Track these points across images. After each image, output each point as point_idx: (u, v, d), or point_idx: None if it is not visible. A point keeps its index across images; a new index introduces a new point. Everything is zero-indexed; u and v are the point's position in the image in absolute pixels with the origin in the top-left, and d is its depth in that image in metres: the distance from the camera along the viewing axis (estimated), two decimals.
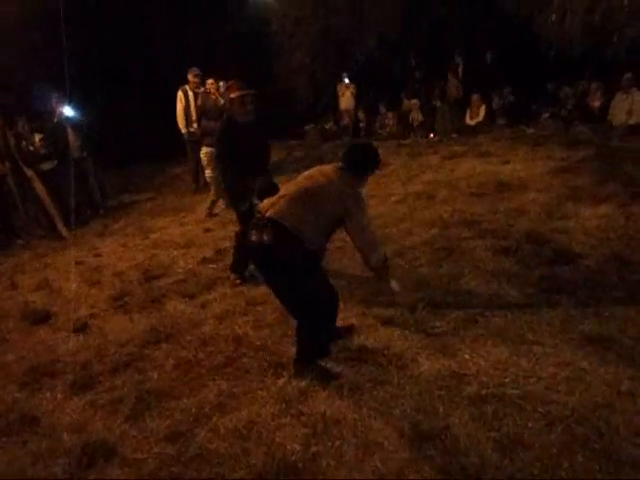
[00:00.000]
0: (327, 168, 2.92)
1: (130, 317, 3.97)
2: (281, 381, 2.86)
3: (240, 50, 11.30)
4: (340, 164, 2.94)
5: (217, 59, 9.65)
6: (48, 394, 3.12)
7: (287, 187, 2.88)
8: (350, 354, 3.03)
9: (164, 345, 3.46)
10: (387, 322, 3.35)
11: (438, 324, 3.27)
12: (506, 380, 2.62)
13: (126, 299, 4.31)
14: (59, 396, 3.07)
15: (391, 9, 11.28)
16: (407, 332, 3.20)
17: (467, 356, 2.88)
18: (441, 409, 2.49)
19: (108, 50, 10.64)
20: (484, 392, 2.56)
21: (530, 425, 2.31)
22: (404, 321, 3.33)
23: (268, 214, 2.69)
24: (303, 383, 2.79)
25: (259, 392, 2.79)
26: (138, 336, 3.62)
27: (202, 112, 7.20)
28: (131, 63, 11.05)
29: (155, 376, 3.11)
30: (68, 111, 7.28)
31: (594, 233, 4.40)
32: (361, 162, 2.96)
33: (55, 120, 7.26)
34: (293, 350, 3.14)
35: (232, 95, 4.08)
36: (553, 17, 8.09)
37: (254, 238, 2.66)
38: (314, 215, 2.68)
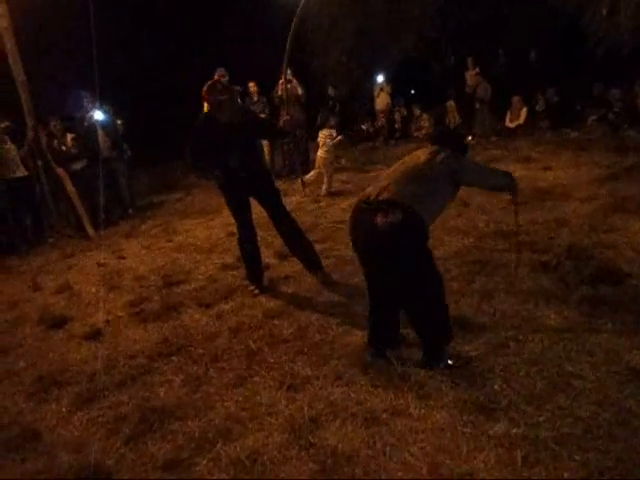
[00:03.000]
0: (423, 150, 2.91)
1: (144, 326, 3.85)
2: (292, 407, 2.66)
3: (274, 50, 11.15)
4: (431, 146, 2.93)
5: (248, 60, 9.55)
6: (53, 406, 3.02)
7: (389, 174, 2.82)
8: (368, 379, 2.80)
9: (175, 358, 3.31)
10: (411, 343, 3.08)
11: (466, 348, 3.00)
12: (540, 419, 2.34)
13: (142, 306, 4.20)
14: (63, 410, 2.95)
15: (430, 7, 10.96)
16: None
17: (497, 387, 2.61)
18: (465, 449, 2.23)
19: (141, 49, 10.70)
20: (514, 432, 2.28)
21: (565, 476, 2.03)
22: None
23: (382, 197, 2.61)
24: (314, 411, 2.58)
25: (267, 418, 2.59)
26: (149, 347, 3.49)
27: None
28: (165, 62, 11.07)
29: (162, 393, 2.96)
30: (99, 115, 7.29)
31: None
32: (455, 139, 3.08)
33: (86, 123, 7.29)
34: (308, 370, 2.95)
35: (221, 97, 3.80)
36: (603, 12, 7.58)
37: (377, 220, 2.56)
38: (429, 190, 2.66)
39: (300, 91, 8.06)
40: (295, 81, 8.02)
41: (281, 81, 7.67)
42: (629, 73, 9.01)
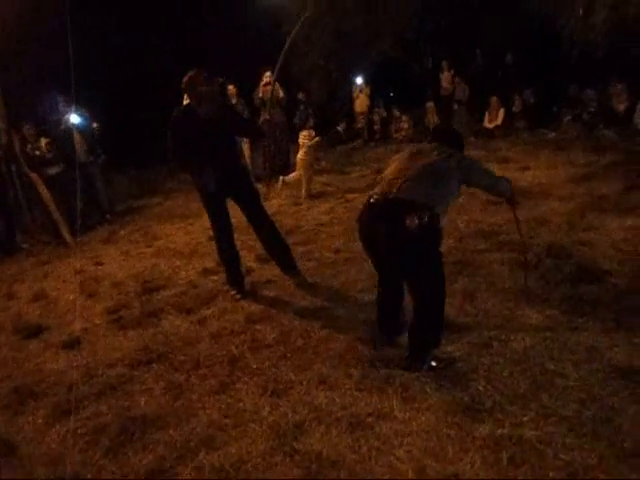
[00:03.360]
0: (426, 146, 2.99)
1: (124, 333, 3.77)
2: (276, 413, 2.62)
3: (250, 52, 11.10)
4: (432, 142, 3.01)
5: (228, 62, 9.49)
6: (30, 418, 2.93)
7: (401, 170, 2.79)
8: (352, 382, 2.77)
9: (155, 366, 3.24)
10: (394, 346, 3.08)
11: (449, 348, 3.00)
12: (525, 419, 2.34)
13: (121, 313, 4.11)
14: (40, 421, 2.87)
15: (407, 9, 11.00)
16: None
17: (481, 388, 2.61)
18: (450, 451, 2.22)
19: (118, 53, 10.56)
20: (500, 432, 2.28)
21: (551, 475, 2.03)
22: None
23: (402, 196, 2.64)
24: (299, 416, 2.54)
25: (251, 425, 2.55)
26: (129, 355, 3.41)
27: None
28: (143, 66, 10.93)
29: (142, 402, 2.89)
30: (75, 118, 7.15)
31: (622, 247, 4.09)
32: (456, 137, 3.12)
33: (62, 126, 7.14)
34: (291, 375, 2.92)
35: (203, 89, 3.68)
36: (580, 11, 7.69)
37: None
38: (438, 187, 2.71)
39: (281, 94, 8.05)
40: (276, 84, 8.01)
41: (262, 83, 7.67)
42: (603, 74, 9.16)
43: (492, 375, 2.70)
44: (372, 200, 2.79)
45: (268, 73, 7.71)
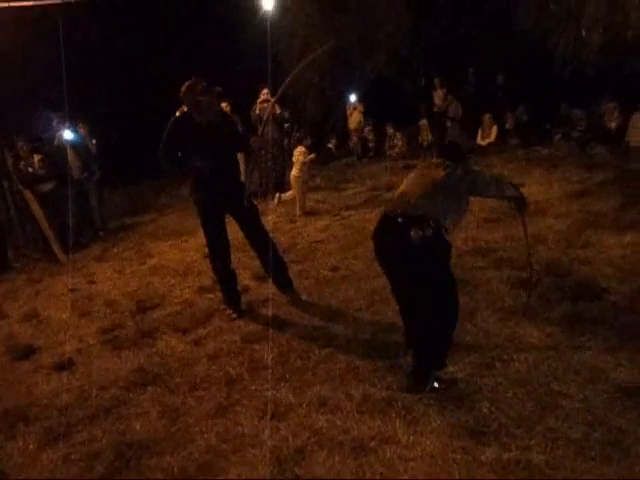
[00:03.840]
0: (432, 163, 3.06)
1: (118, 354, 3.69)
2: (276, 437, 2.55)
3: (247, 69, 11.16)
4: (439, 159, 3.06)
5: (224, 79, 9.50)
6: (21, 443, 2.85)
7: (411, 189, 2.88)
8: (354, 405, 2.72)
9: (151, 388, 3.17)
10: (394, 366, 3.04)
11: (451, 369, 2.95)
12: (531, 442, 2.29)
13: (116, 333, 4.04)
14: (31, 447, 2.79)
15: (401, 28, 11.13)
16: None
17: (485, 410, 2.56)
18: (457, 476, 2.16)
19: (112, 70, 10.58)
20: (506, 456, 2.23)
21: None
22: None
23: (412, 212, 2.71)
24: (299, 441, 2.48)
25: (250, 450, 2.48)
26: (124, 377, 3.33)
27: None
28: (136, 82, 10.95)
29: (138, 426, 2.81)
30: (68, 134, 7.10)
31: (620, 265, 4.07)
32: (456, 150, 3.19)
33: (55, 142, 7.09)
34: (290, 397, 2.86)
35: (201, 98, 3.67)
36: (583, 32, 7.80)
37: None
38: (448, 201, 2.78)
39: (278, 110, 8.06)
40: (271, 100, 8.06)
41: (260, 100, 7.68)
42: (595, 92, 9.27)
43: (496, 396, 2.65)
44: (384, 216, 2.86)
45: (265, 90, 7.73)
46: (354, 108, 11.73)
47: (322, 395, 2.83)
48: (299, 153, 7.03)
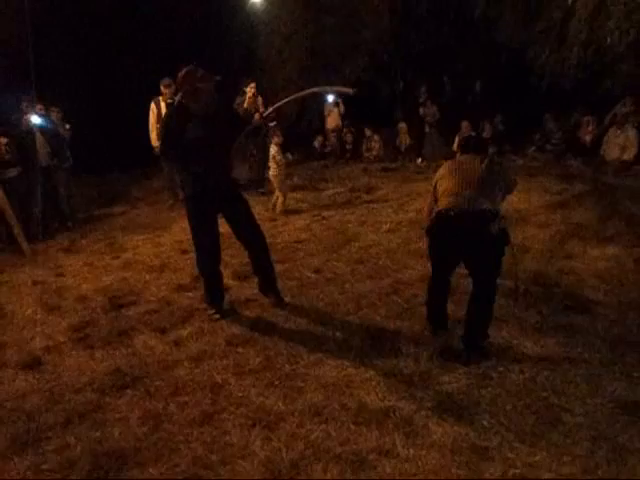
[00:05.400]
0: (464, 159, 3.35)
1: (91, 353, 3.45)
2: (268, 448, 2.40)
3: (226, 63, 10.91)
4: (467, 155, 3.36)
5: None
6: None
7: (454, 185, 3.16)
8: (349, 415, 2.60)
9: (129, 392, 2.96)
10: (389, 374, 2.93)
11: (447, 378, 2.87)
12: (536, 458, 2.22)
13: (88, 330, 3.78)
14: None
15: (382, 31, 11.12)
16: (413, 389, 2.78)
17: (486, 423, 2.48)
18: None
19: (83, 56, 10.17)
20: (512, 473, 2.15)
21: None
22: (409, 374, 2.91)
23: (468, 208, 3.03)
24: (294, 453, 2.34)
25: (241, 462, 2.32)
26: (99, 378, 3.11)
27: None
28: (110, 68, 10.54)
29: (116, 433, 2.61)
30: (35, 119, 6.72)
31: (605, 277, 4.10)
32: (482, 144, 3.55)
33: (23, 126, 6.70)
34: (281, 405, 2.71)
35: (200, 85, 3.48)
36: (549, 49, 7.93)
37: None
38: (495, 193, 3.16)
39: (262, 106, 7.92)
40: (259, 96, 7.93)
41: (248, 95, 7.53)
42: (571, 105, 9.45)
43: (495, 409, 2.58)
44: (452, 213, 3.09)
45: (253, 84, 7.58)
46: (332, 107, 11.62)
47: (315, 403, 2.71)
48: (274, 151, 6.88)
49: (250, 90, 7.60)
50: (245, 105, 7.48)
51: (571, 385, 2.74)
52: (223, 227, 3.89)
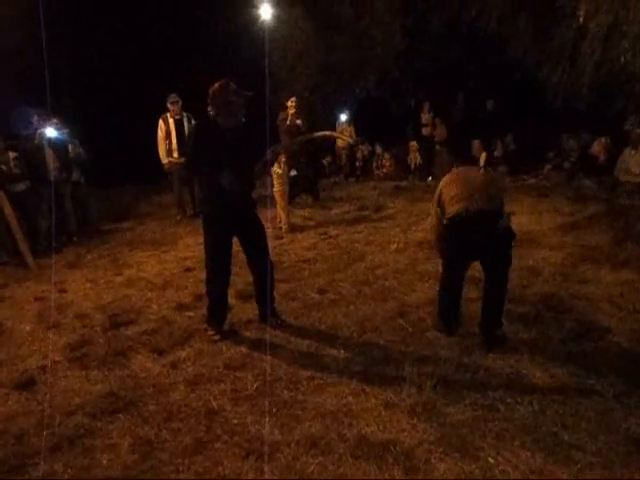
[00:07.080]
0: (466, 168, 3.87)
1: (86, 374, 3.37)
2: None
3: (238, 79, 10.99)
4: (464, 166, 3.92)
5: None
6: None
7: (463, 190, 3.46)
8: (348, 447, 2.48)
9: (122, 416, 2.87)
10: (390, 404, 2.81)
11: (452, 410, 2.74)
12: None
13: (85, 350, 3.71)
14: None
15: (394, 48, 11.11)
16: (416, 420, 2.66)
17: (491, 460, 2.35)
18: None
19: (94, 71, 10.28)
20: None
21: None
22: (411, 404, 2.79)
23: (478, 208, 3.34)
24: None
25: None
26: (92, 401, 3.02)
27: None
28: (121, 82, 10.65)
29: (105, 460, 2.51)
30: (51, 132, 6.76)
31: (618, 303, 3.95)
32: (472, 156, 4.10)
33: (36, 141, 6.73)
34: (277, 435, 2.60)
35: (232, 99, 3.47)
36: (563, 68, 7.84)
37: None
38: (499, 195, 3.58)
39: (299, 121, 8.01)
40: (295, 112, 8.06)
41: (291, 112, 7.70)
42: (585, 125, 9.33)
43: (502, 444, 2.45)
44: (468, 215, 3.36)
45: (293, 98, 7.79)
46: (345, 127, 11.63)
47: (312, 434, 2.59)
48: (277, 167, 6.82)
49: (291, 105, 7.71)
50: (288, 122, 7.60)
51: (582, 420, 2.59)
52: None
